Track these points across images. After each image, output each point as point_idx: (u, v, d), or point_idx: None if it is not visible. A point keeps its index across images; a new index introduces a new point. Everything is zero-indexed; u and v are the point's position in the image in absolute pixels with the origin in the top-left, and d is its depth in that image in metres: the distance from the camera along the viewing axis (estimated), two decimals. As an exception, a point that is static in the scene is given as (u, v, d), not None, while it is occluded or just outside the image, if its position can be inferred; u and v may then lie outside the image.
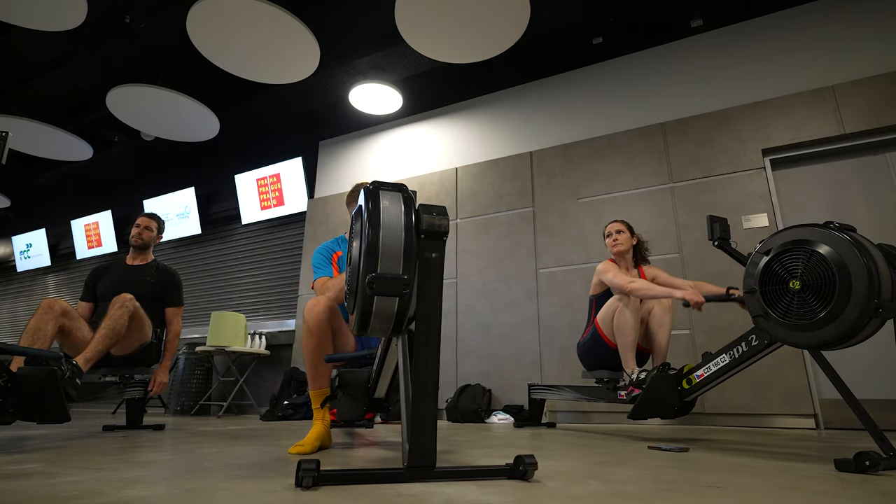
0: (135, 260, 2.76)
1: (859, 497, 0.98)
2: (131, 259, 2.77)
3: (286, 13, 3.28)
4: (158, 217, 2.87)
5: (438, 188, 4.59)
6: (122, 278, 2.65)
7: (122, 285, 2.57)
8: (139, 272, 2.70)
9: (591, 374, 2.63)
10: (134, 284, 2.60)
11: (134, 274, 2.69)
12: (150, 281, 2.68)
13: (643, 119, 3.97)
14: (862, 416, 1.39)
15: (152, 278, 2.70)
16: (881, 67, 3.28)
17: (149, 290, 2.65)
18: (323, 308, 1.76)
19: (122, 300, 2.27)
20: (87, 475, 1.16)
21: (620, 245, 2.64)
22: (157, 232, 2.84)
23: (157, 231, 2.83)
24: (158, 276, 2.72)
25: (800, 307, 1.53)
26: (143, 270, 2.72)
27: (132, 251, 2.78)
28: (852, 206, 3.26)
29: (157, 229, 2.83)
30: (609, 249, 2.70)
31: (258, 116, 5.43)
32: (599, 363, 2.56)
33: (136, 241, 2.75)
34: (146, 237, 2.77)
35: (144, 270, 2.72)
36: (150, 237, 2.79)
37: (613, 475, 1.21)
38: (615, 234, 2.68)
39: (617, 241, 2.66)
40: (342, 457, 1.58)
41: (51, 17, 3.36)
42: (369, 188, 1.17)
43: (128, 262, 2.76)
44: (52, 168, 6.32)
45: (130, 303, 2.28)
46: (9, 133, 1.99)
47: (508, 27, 3.37)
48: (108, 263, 2.78)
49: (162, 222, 2.90)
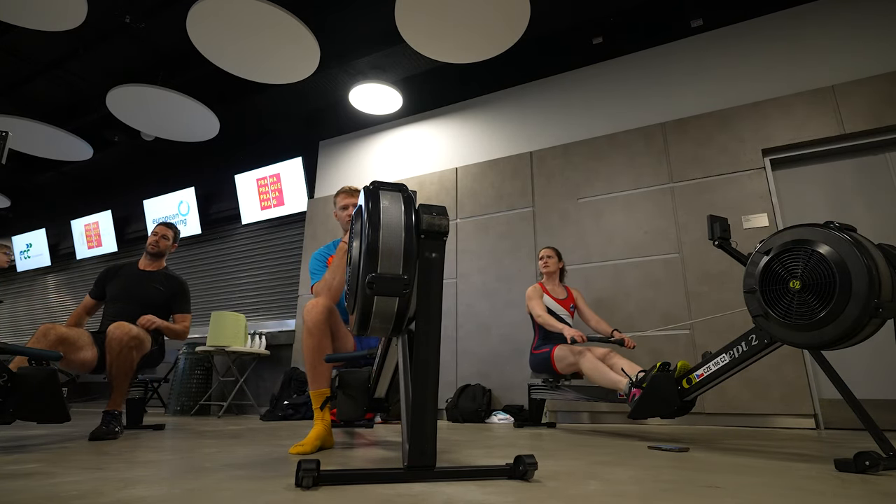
0: (147, 266, 2.82)
1: (859, 497, 0.98)
2: (144, 264, 2.82)
3: (286, 13, 3.28)
4: (175, 227, 2.96)
5: (438, 188, 4.59)
6: (133, 283, 2.71)
7: (131, 290, 2.67)
8: (149, 279, 2.76)
9: (537, 375, 3.06)
10: (143, 290, 2.69)
11: (144, 280, 2.75)
12: (158, 288, 2.74)
13: (643, 119, 3.97)
14: (862, 416, 1.39)
15: (161, 286, 2.75)
16: (881, 67, 3.28)
17: (156, 297, 2.72)
18: (321, 309, 1.77)
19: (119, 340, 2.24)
20: (87, 475, 1.16)
21: (549, 267, 3.25)
22: (173, 241, 2.93)
23: (172, 240, 2.92)
24: (167, 284, 2.77)
25: (800, 307, 1.53)
26: (153, 277, 2.77)
27: (146, 256, 2.84)
28: (852, 206, 3.26)
29: (172, 238, 2.92)
30: (541, 269, 3.28)
31: (258, 116, 5.43)
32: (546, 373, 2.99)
33: (153, 249, 2.82)
34: (162, 246, 2.84)
35: (154, 277, 2.77)
36: (165, 246, 2.86)
37: (613, 475, 1.21)
38: (546, 258, 3.27)
39: (547, 264, 3.26)
40: (342, 457, 1.58)
41: (51, 17, 3.36)
42: (369, 188, 1.17)
43: (140, 266, 2.81)
44: (52, 168, 6.32)
45: (127, 338, 2.26)
46: (9, 133, 1.99)
47: (508, 27, 3.37)
48: (122, 265, 2.84)
49: (178, 232, 2.98)
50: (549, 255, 3.28)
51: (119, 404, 2.25)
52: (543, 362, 2.93)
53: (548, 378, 2.99)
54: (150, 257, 2.83)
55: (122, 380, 2.26)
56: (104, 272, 2.80)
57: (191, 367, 4.78)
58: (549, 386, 2.98)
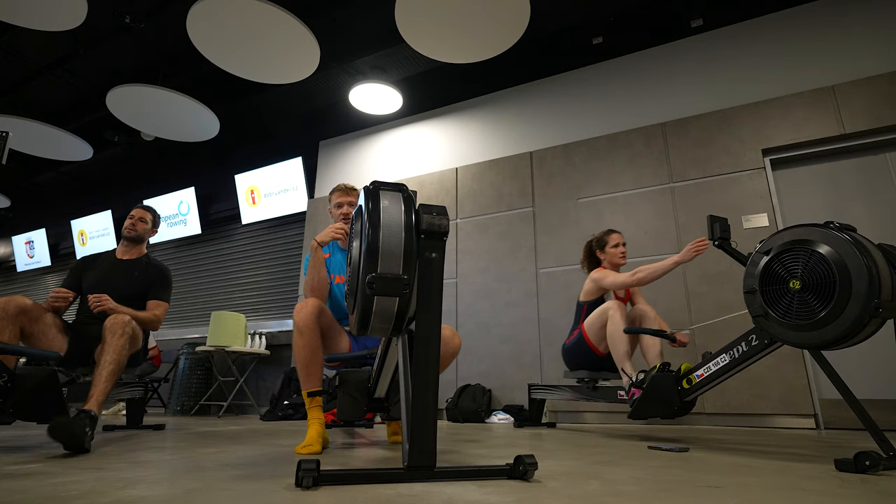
0: (125, 254, 2.56)
1: (859, 497, 0.98)
2: (122, 252, 2.56)
3: (286, 13, 3.28)
4: (154, 209, 2.70)
5: (438, 188, 4.59)
6: (110, 274, 2.45)
7: (109, 281, 2.40)
8: (128, 267, 2.49)
9: (572, 374, 2.77)
10: (121, 281, 2.42)
11: (122, 269, 2.48)
12: (137, 277, 2.47)
13: (643, 119, 3.97)
14: (862, 416, 1.39)
15: (140, 274, 2.48)
16: (881, 67, 3.28)
17: (135, 287, 2.45)
18: (311, 308, 1.76)
19: (121, 325, 2.01)
20: (87, 475, 1.16)
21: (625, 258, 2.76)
22: (153, 225, 2.67)
23: (151, 224, 2.65)
24: (147, 273, 2.50)
25: (800, 307, 1.53)
26: (132, 266, 2.50)
27: (123, 243, 2.58)
28: (852, 206, 3.26)
29: (151, 222, 2.65)
30: (614, 259, 2.75)
31: (258, 116, 5.43)
32: (582, 364, 2.70)
33: (130, 233, 2.56)
34: (140, 229, 2.58)
35: (133, 266, 2.50)
36: (143, 229, 2.60)
37: (613, 475, 1.21)
38: (622, 245, 2.76)
39: (624, 253, 2.76)
40: (342, 457, 1.58)
41: (51, 17, 3.35)
42: (369, 188, 1.17)
43: (118, 255, 2.55)
44: (52, 168, 6.32)
45: (129, 327, 2.03)
46: (9, 133, 1.99)
47: (508, 27, 3.37)
48: (99, 255, 2.59)
49: (157, 215, 2.72)
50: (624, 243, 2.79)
51: (99, 405, 1.82)
52: (579, 345, 2.63)
53: (583, 378, 2.69)
54: (128, 243, 2.57)
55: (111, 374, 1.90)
56: (80, 262, 2.54)
57: (191, 367, 4.78)
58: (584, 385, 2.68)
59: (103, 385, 1.85)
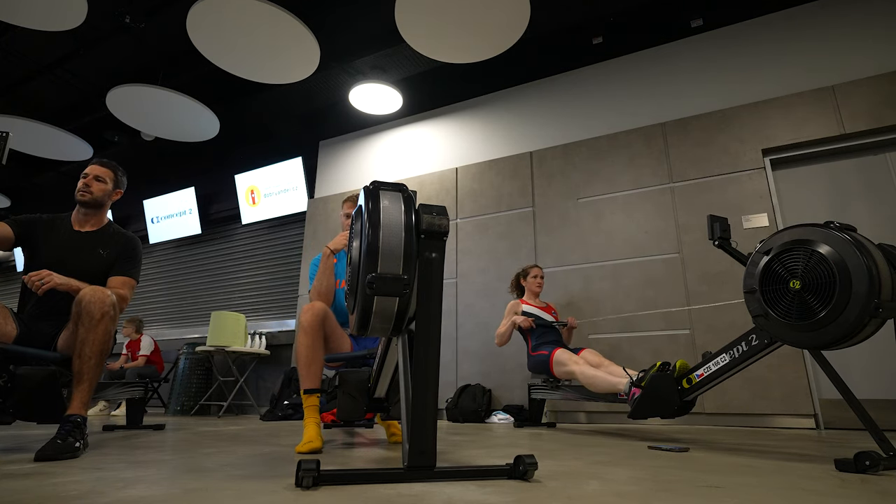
0: (84, 224, 2.07)
1: (859, 497, 0.98)
2: (80, 223, 2.07)
3: (286, 13, 3.28)
4: (115, 164, 2.15)
5: (438, 188, 4.59)
6: (69, 250, 2.00)
7: (67, 258, 1.96)
8: (90, 241, 2.03)
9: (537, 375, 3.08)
10: (82, 258, 1.99)
11: (82, 244, 2.03)
12: (100, 253, 2.02)
13: (643, 119, 3.97)
14: (862, 416, 1.39)
15: (104, 249, 2.03)
16: (881, 67, 3.28)
17: (100, 265, 2.01)
18: (318, 311, 1.82)
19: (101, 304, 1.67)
20: (87, 475, 1.16)
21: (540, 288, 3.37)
22: (115, 186, 2.13)
23: (113, 184, 2.11)
24: (112, 245, 2.05)
25: (800, 307, 1.53)
26: (93, 238, 2.04)
27: (79, 210, 2.08)
28: (852, 206, 3.26)
29: (112, 181, 2.11)
30: (532, 287, 3.34)
31: (258, 116, 5.43)
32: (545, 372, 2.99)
33: (83, 197, 2.04)
34: (96, 190, 2.05)
35: (96, 239, 2.05)
36: (102, 191, 2.07)
37: (613, 475, 1.21)
38: (540, 277, 3.36)
39: (541, 284, 3.36)
40: (342, 457, 1.58)
41: (51, 17, 3.35)
42: (369, 188, 1.17)
43: (75, 226, 2.07)
44: (52, 168, 6.32)
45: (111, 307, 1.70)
46: (9, 133, 1.97)
47: (508, 27, 3.37)
48: (55, 219, 2.10)
49: (119, 172, 2.17)
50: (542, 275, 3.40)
51: (85, 405, 1.62)
52: (542, 364, 2.95)
53: (548, 378, 3.00)
54: (85, 210, 2.07)
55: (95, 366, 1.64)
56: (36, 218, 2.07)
57: (191, 367, 4.78)
58: (550, 386, 2.99)
59: (87, 382, 1.63)
